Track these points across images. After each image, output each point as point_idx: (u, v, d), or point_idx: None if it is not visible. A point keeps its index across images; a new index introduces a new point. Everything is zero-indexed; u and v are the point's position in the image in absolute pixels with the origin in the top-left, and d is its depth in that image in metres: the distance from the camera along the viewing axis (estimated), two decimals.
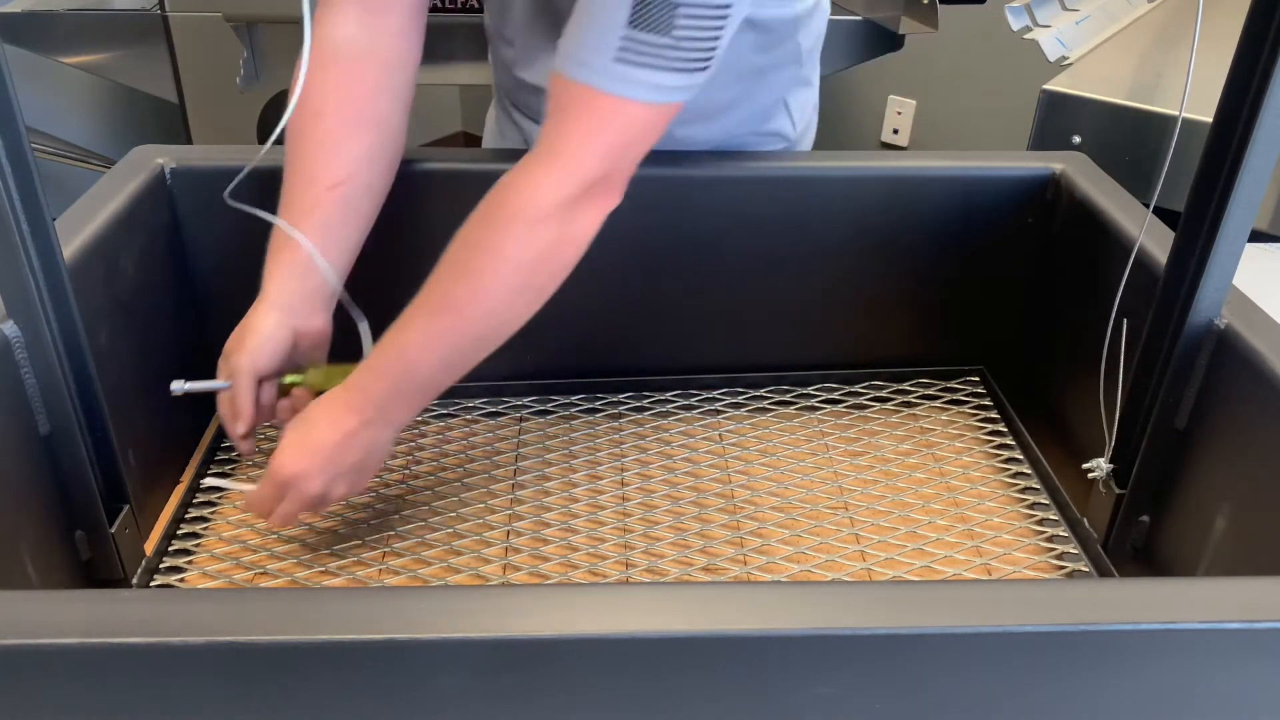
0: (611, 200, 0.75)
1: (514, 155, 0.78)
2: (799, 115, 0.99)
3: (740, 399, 1.02)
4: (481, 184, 0.73)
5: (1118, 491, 0.79)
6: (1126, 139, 1.28)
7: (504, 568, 0.81)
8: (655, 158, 0.91)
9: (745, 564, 0.82)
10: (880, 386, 1.03)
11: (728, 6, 0.69)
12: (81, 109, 2.50)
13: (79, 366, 0.70)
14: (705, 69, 0.71)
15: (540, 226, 0.72)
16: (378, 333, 0.77)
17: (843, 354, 1.03)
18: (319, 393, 0.79)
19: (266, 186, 0.82)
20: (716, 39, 0.70)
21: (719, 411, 1.01)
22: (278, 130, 0.72)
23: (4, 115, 0.60)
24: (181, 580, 0.79)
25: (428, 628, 0.47)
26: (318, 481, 0.74)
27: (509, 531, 0.85)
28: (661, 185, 0.92)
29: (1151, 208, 0.77)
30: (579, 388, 1.01)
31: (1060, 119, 1.32)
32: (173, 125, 1.87)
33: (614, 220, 0.75)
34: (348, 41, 0.82)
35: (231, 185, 0.79)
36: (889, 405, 1.02)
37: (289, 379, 0.81)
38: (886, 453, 0.95)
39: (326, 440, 0.75)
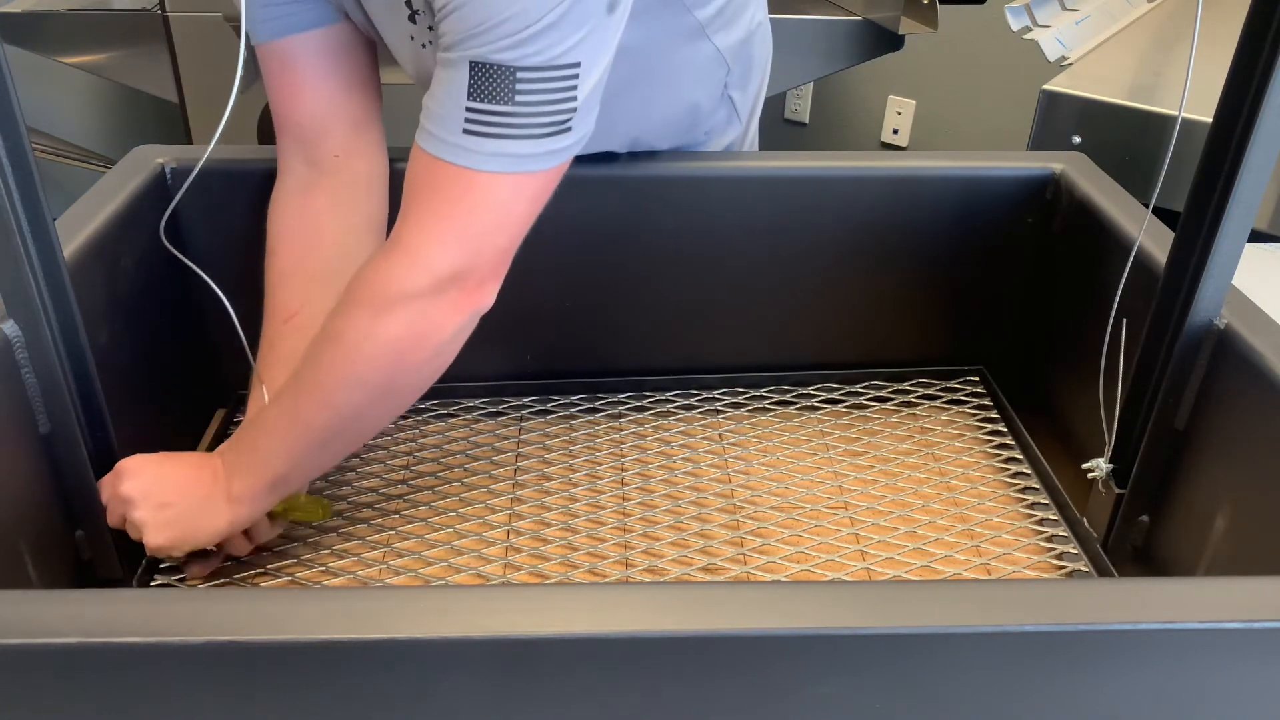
0: (476, 300, 0.70)
1: None
2: (743, 109, 0.99)
3: (740, 399, 1.02)
4: None
5: (1117, 491, 0.79)
6: (1126, 139, 1.27)
7: (504, 567, 0.81)
8: (653, 157, 0.92)
9: (745, 564, 0.82)
10: (880, 386, 1.03)
11: (574, 66, 0.65)
12: (81, 109, 2.50)
13: (79, 366, 0.70)
14: (565, 130, 0.67)
15: (385, 317, 0.68)
16: None
17: (843, 354, 1.03)
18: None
19: (260, 186, 0.83)
20: (570, 98, 0.66)
21: (719, 411, 1.01)
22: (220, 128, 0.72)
23: (4, 115, 0.60)
24: (181, 580, 0.79)
25: (428, 628, 0.47)
26: (136, 484, 0.72)
27: (509, 531, 0.85)
28: (661, 185, 0.92)
29: (1151, 208, 0.77)
30: (579, 388, 1.01)
31: (1060, 119, 1.32)
32: (173, 125, 1.87)
33: (615, 220, 0.74)
34: (294, 177, 0.84)
35: (168, 212, 0.79)
36: (889, 405, 1.02)
37: None
38: (886, 453, 0.95)
39: (169, 465, 0.75)
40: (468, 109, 0.65)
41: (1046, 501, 0.89)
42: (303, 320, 0.81)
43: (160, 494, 0.73)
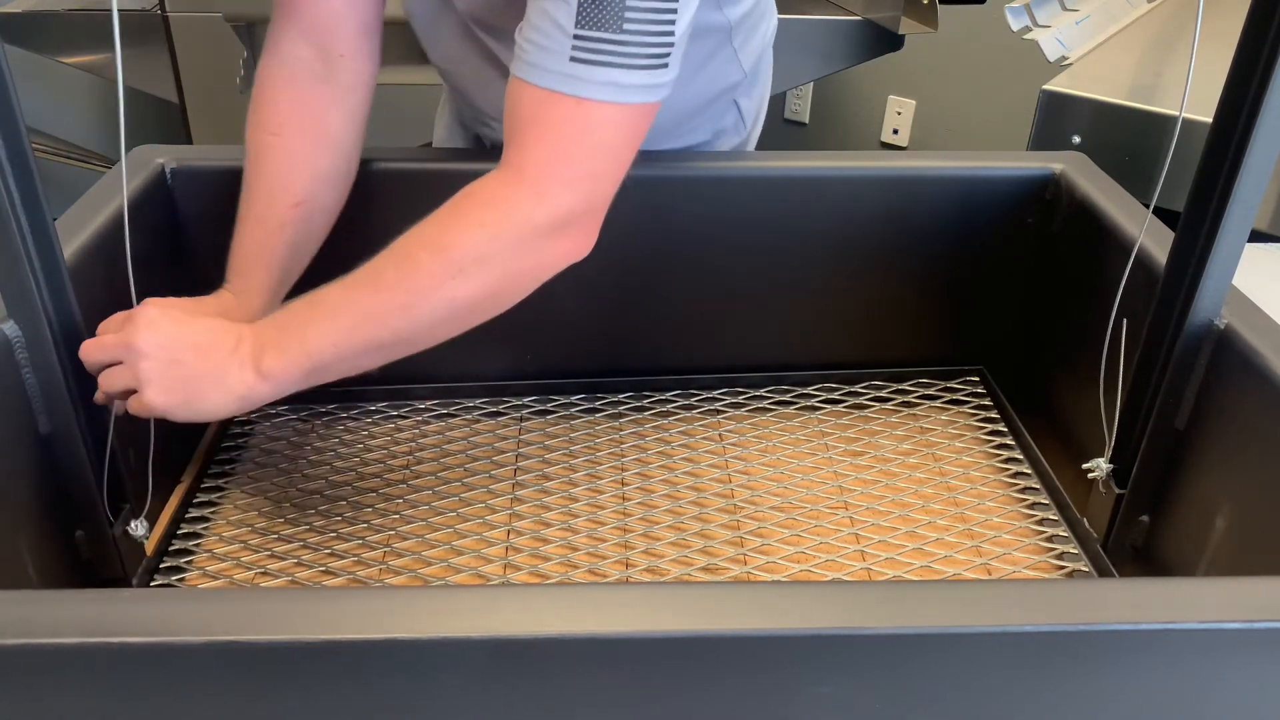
0: (586, 244, 0.71)
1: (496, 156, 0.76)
2: (749, 115, 1.00)
3: (740, 399, 1.02)
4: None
5: (1118, 491, 0.79)
6: (1126, 139, 1.28)
7: (504, 567, 0.81)
8: (653, 157, 0.92)
9: (745, 564, 0.82)
10: (880, 386, 1.03)
11: None
12: (81, 109, 2.50)
13: (79, 366, 0.70)
14: (664, 65, 0.68)
15: (502, 245, 0.68)
16: None
17: (843, 354, 1.03)
18: None
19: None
20: (670, 32, 0.67)
21: (719, 411, 1.01)
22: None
23: (4, 115, 0.60)
24: (181, 580, 0.79)
25: (428, 628, 0.47)
26: (152, 335, 0.67)
27: (509, 531, 0.85)
28: (661, 185, 0.92)
29: (1151, 208, 0.77)
30: (579, 388, 1.01)
31: (1060, 119, 1.32)
32: (173, 125, 1.87)
33: (615, 220, 0.74)
34: (299, 62, 0.82)
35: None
36: (889, 405, 1.02)
37: None
38: (886, 453, 0.95)
39: (188, 322, 0.70)
40: (575, 36, 0.66)
41: (1046, 501, 0.89)
42: (309, 210, 0.80)
43: (175, 349, 0.68)
